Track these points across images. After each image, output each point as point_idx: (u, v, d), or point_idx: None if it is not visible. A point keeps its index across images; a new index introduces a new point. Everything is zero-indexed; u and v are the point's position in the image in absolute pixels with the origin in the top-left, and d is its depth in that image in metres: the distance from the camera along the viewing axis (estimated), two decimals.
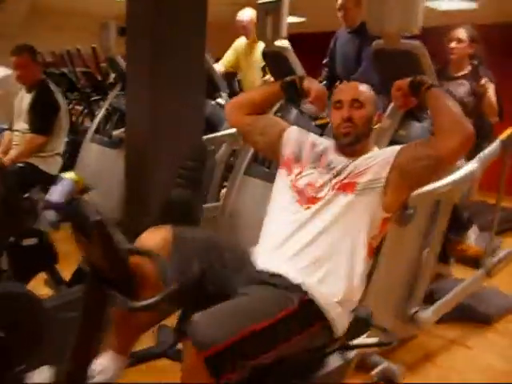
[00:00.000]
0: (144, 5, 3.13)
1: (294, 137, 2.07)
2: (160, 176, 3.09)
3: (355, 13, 4.32)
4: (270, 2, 3.26)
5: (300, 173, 1.96)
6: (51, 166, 3.50)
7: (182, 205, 2.61)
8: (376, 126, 2.01)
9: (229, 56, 5.01)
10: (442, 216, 2.82)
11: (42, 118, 3.43)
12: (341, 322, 1.78)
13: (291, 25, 9.31)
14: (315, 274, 1.76)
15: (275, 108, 3.47)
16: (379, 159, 1.87)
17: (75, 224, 1.40)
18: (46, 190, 3.31)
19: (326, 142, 2.06)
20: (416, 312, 2.80)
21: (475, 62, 3.48)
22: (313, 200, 1.87)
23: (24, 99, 3.55)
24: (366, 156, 1.92)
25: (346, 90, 1.99)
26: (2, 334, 1.66)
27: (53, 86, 3.54)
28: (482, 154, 2.96)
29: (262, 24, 3.32)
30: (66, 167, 4.95)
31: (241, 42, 4.90)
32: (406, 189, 1.87)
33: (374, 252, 1.90)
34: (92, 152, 4.86)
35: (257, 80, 4.64)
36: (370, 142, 2.01)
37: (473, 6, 6.45)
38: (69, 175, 1.60)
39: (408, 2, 2.39)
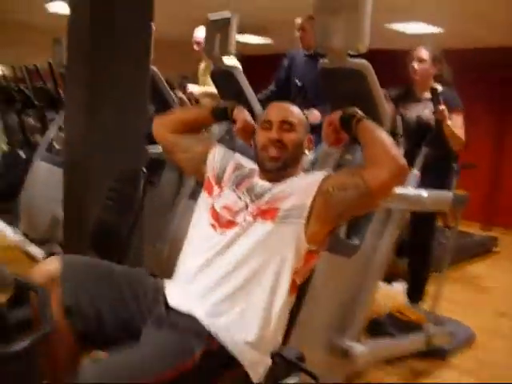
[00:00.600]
0: (83, 14, 2.96)
1: (218, 157, 1.92)
2: (98, 194, 2.88)
3: (313, 36, 4.21)
4: (219, 19, 3.13)
5: (218, 194, 1.81)
6: None
7: (108, 229, 2.42)
8: (306, 152, 1.84)
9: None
10: (389, 237, 2.67)
11: None
12: (257, 366, 1.59)
13: (258, 46, 9.39)
14: (228, 313, 1.59)
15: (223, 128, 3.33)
16: (303, 183, 1.71)
17: None
18: None
19: (252, 165, 1.90)
20: (349, 346, 2.57)
21: (436, 87, 3.31)
22: (228, 224, 1.70)
23: None
24: (291, 179, 1.76)
25: (276, 110, 1.83)
26: None
27: None
28: (434, 192, 2.85)
29: (210, 42, 3.18)
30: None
31: (202, 65, 4.76)
32: (331, 219, 1.69)
33: (298, 288, 1.72)
34: (42, 171, 4.65)
35: None
36: (299, 168, 1.83)
37: (439, 30, 6.50)
38: None
39: (354, 19, 2.26)
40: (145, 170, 2.40)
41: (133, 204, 2.35)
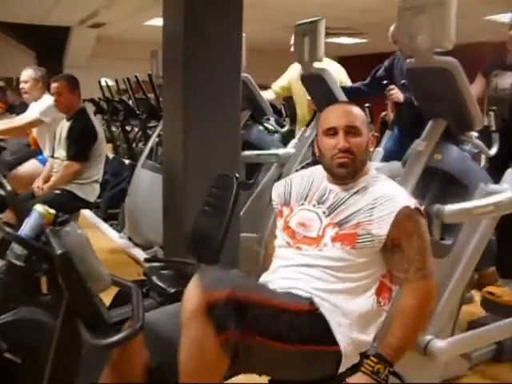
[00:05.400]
0: (177, 28, 3.11)
1: (277, 196, 1.92)
2: (195, 199, 3.02)
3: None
4: (306, 23, 3.17)
5: (289, 214, 1.82)
6: (88, 192, 3.51)
7: (204, 233, 2.52)
8: (371, 149, 1.83)
9: (281, 81, 4.83)
10: (481, 240, 2.53)
11: (78, 145, 3.46)
12: (351, 356, 1.62)
13: (353, 46, 9.55)
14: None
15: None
16: (383, 214, 1.65)
17: (42, 257, 1.34)
18: None
19: (314, 172, 1.89)
20: (429, 342, 2.42)
21: None
22: (305, 240, 1.73)
23: (64, 127, 3.59)
24: (367, 200, 1.70)
25: (339, 116, 1.76)
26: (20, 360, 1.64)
27: (92, 115, 3.56)
28: None
29: (299, 46, 3.22)
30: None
31: (294, 67, 4.62)
32: None
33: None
34: (143, 177, 4.87)
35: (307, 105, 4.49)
36: (367, 166, 1.81)
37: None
38: (39, 208, 1.54)
39: (440, 15, 2.23)
40: (237, 175, 2.49)
41: (226, 210, 2.43)
